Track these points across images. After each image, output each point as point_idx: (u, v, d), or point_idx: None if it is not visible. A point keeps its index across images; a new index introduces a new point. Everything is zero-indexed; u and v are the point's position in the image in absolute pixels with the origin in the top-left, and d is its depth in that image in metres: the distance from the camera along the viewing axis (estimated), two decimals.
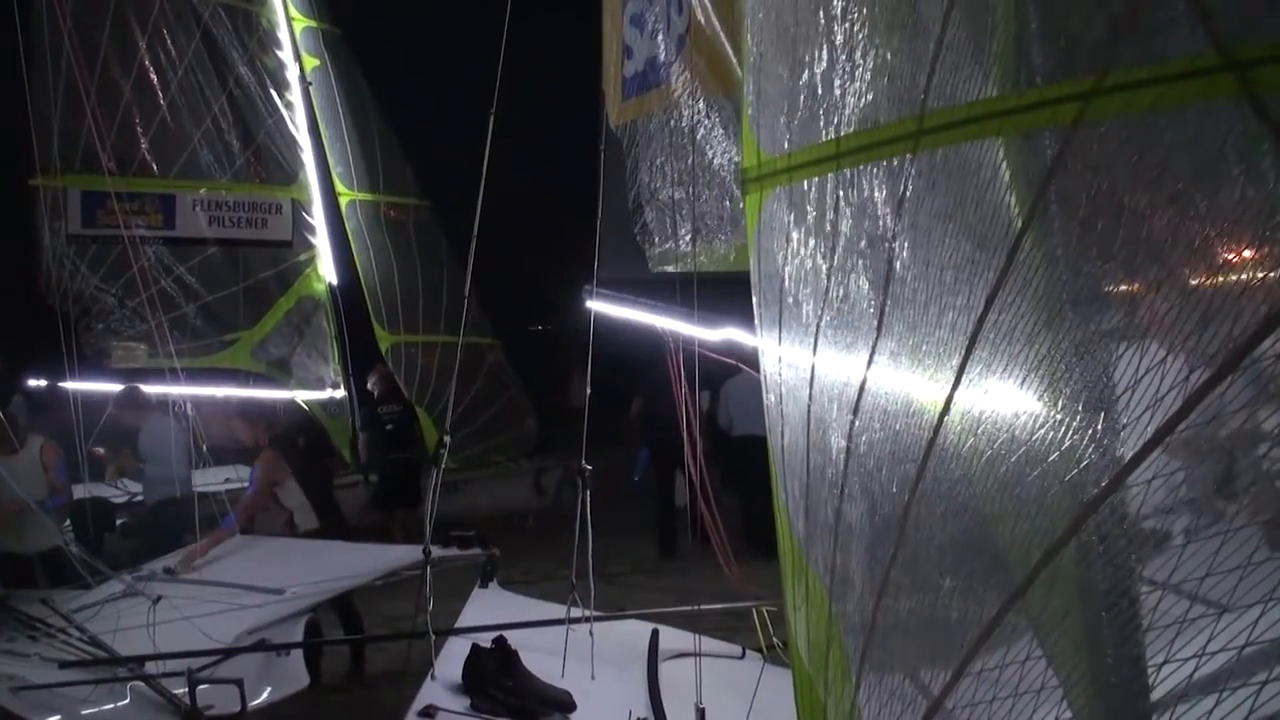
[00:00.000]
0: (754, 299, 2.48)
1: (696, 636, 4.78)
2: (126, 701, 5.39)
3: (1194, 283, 1.29)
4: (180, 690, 5.13)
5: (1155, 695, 1.37)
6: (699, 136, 4.94)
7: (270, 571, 7.39)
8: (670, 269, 5.46)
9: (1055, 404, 1.47)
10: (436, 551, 6.21)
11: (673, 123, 5.32)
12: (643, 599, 8.72)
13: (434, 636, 4.66)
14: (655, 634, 5.32)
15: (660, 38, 5.45)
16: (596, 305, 5.48)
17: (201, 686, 5.07)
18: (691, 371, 4.97)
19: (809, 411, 2.16)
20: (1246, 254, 1.23)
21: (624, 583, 10.55)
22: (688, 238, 4.88)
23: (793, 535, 2.29)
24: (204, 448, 9.77)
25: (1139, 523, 1.38)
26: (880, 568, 1.86)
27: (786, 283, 2.27)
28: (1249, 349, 1.21)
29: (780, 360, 2.35)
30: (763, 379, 2.45)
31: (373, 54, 15.61)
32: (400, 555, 7.65)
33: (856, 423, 1.96)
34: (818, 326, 2.11)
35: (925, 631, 1.82)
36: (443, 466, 4.99)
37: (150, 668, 5.58)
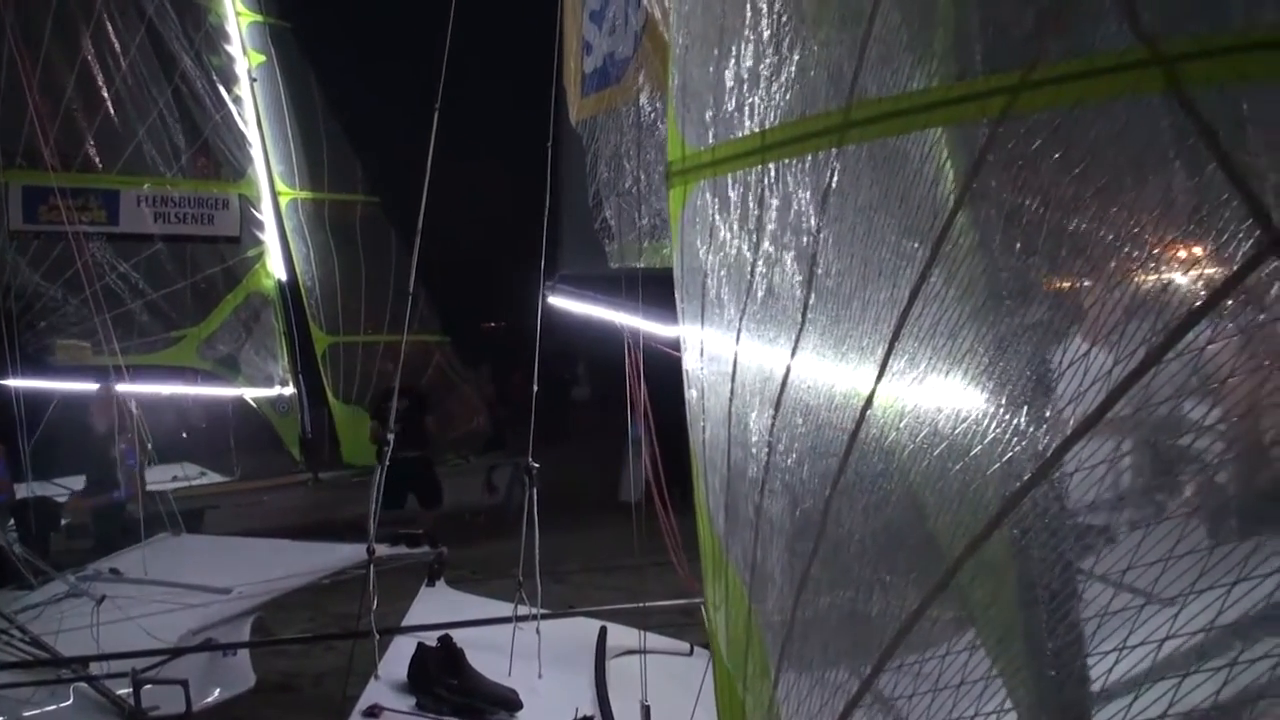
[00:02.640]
0: (676, 293, 2.42)
1: (641, 633, 4.69)
2: (69, 703, 5.21)
3: (1118, 276, 1.25)
4: (124, 691, 4.96)
5: (1084, 687, 1.34)
6: (657, 134, 4.86)
7: (216, 570, 7.20)
8: (619, 264, 5.37)
9: (979, 397, 1.41)
10: (384, 550, 6.06)
11: (631, 119, 5.24)
12: (593, 597, 8.61)
13: (377, 636, 4.52)
14: (603, 631, 5.22)
15: (619, 34, 5.36)
16: (557, 301, 5.37)
17: (146, 687, 4.90)
18: (646, 367, 4.87)
19: (730, 406, 2.09)
20: (1171, 248, 1.20)
21: (575, 581, 10.39)
22: (646, 233, 4.80)
23: (713, 532, 2.22)
24: (149, 445, 9.51)
25: (1063, 516, 1.34)
26: (800, 563, 1.80)
27: (709, 277, 2.21)
28: (1172, 343, 1.17)
29: (702, 355, 2.29)
30: (684, 374, 2.38)
31: (322, 49, 15.16)
32: (347, 554, 7.48)
33: (778, 418, 1.89)
34: (740, 321, 2.04)
35: (846, 627, 1.76)
36: (385, 467, 4.83)
37: (94, 669, 5.37)
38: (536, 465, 5.18)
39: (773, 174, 1.89)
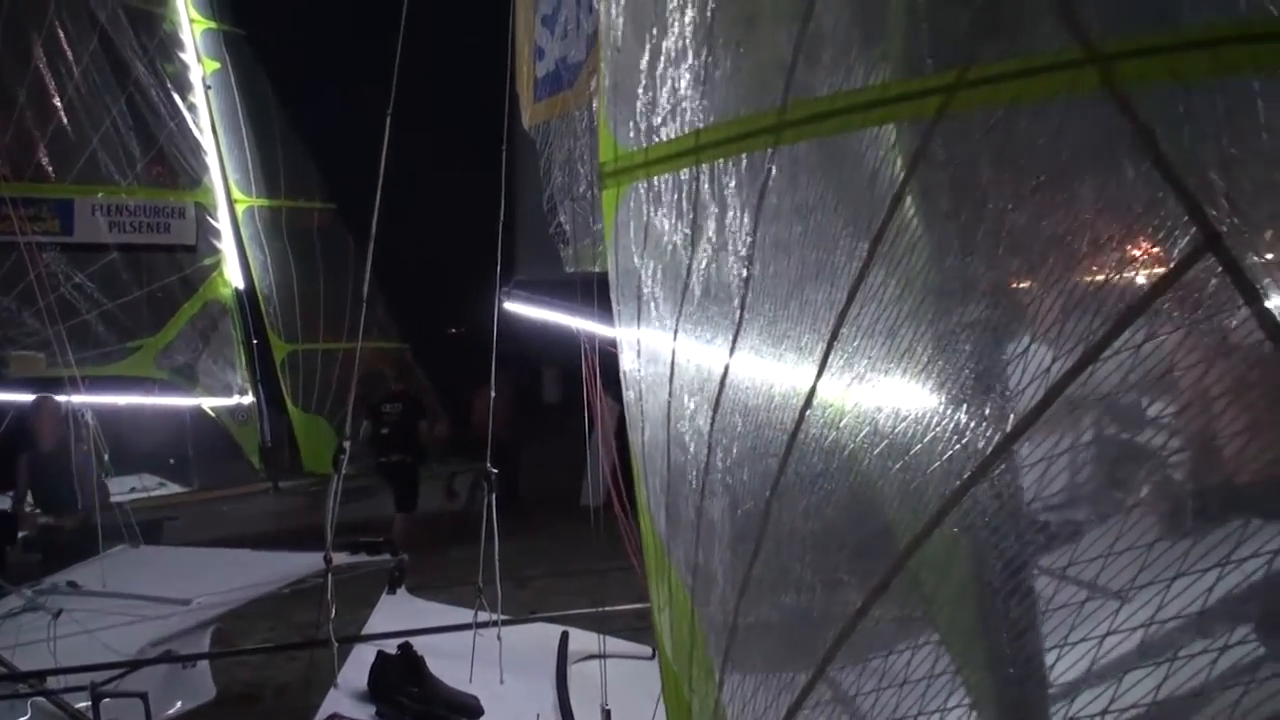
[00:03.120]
0: (612, 295, 2.34)
1: (601, 638, 4.59)
2: (27, 718, 5.01)
3: (1056, 274, 1.21)
4: (83, 705, 4.78)
5: (1029, 684, 1.31)
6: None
7: (175, 582, 6.92)
8: (574, 268, 5.27)
9: (918, 396, 1.36)
10: (344, 559, 5.89)
11: (585, 123, 5.13)
12: (556, 602, 8.41)
13: (336, 644, 4.38)
14: (564, 636, 5.09)
15: (571, 38, 5.26)
16: (512, 307, 5.25)
17: (105, 701, 4.71)
18: (603, 370, 4.77)
19: (669, 408, 2.02)
20: (1109, 246, 1.16)
21: (537, 586, 10.13)
22: (599, 238, 4.72)
23: (655, 534, 2.14)
24: (105, 457, 9.20)
25: (1004, 513, 1.28)
26: (742, 564, 1.73)
27: (645, 278, 2.13)
28: (1110, 340, 1.13)
29: (639, 356, 2.21)
30: (621, 376, 2.31)
31: (277, 55, 14.78)
32: (307, 563, 7.27)
33: (717, 418, 1.83)
34: (677, 322, 1.97)
35: (789, 628, 1.70)
36: (342, 473, 4.67)
37: (52, 683, 5.16)
38: (495, 471, 5.05)
39: (708, 175, 1.82)
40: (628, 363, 2.28)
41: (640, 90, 2.09)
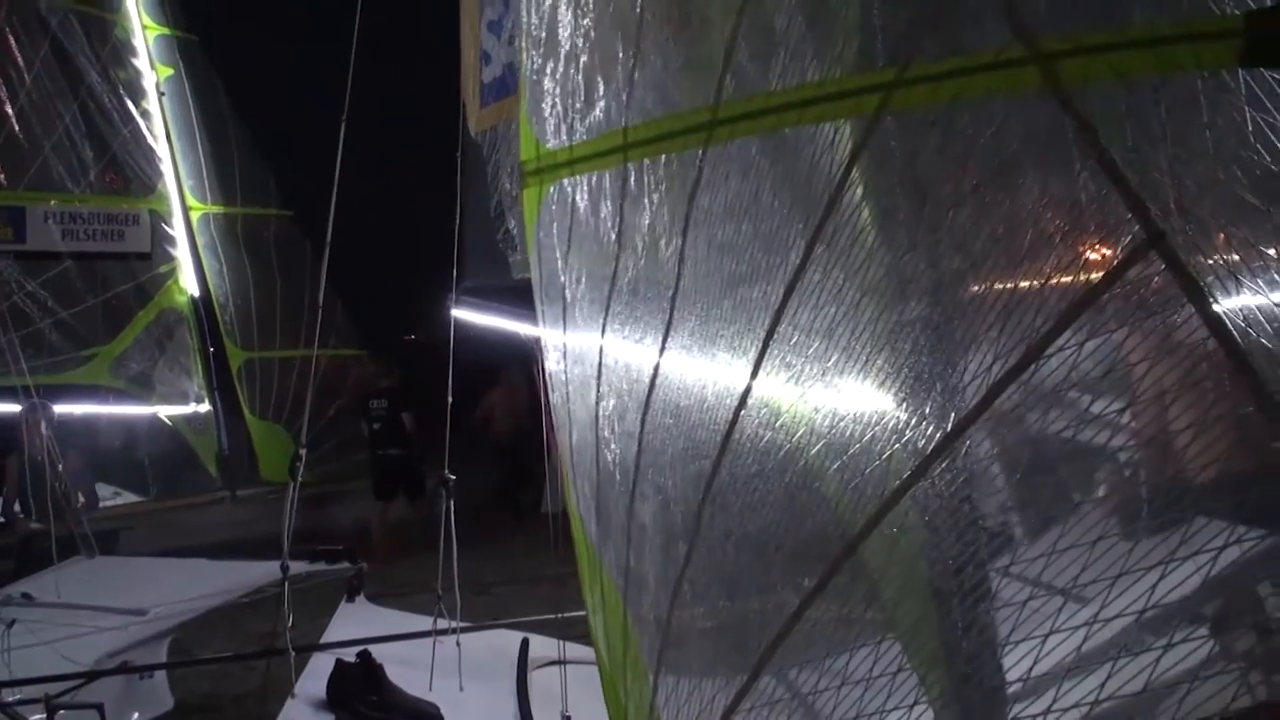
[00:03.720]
0: (535, 296, 2.21)
1: (561, 643, 4.41)
2: None
3: (998, 272, 1.16)
4: (38, 717, 4.50)
5: (972, 684, 1.26)
6: None
7: (132, 592, 6.61)
8: (523, 274, 5.11)
9: (857, 396, 1.28)
10: (302, 567, 5.65)
11: None
12: (518, 609, 8.21)
13: (294, 653, 4.16)
14: (525, 643, 4.91)
15: (517, 43, 5.10)
16: (460, 314, 5.05)
17: (61, 712, 4.44)
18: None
19: (597, 409, 1.91)
20: (1051, 244, 1.10)
21: (499, 593, 9.82)
22: None
23: (586, 537, 2.02)
24: (60, 467, 8.80)
25: (944, 513, 1.22)
26: (674, 567, 1.62)
27: (570, 279, 2.02)
28: (1053, 338, 1.06)
29: (565, 357, 2.10)
30: (546, 378, 2.18)
31: (230, 61, 14.18)
32: (264, 572, 7.00)
33: (647, 419, 1.72)
34: (605, 322, 1.86)
35: (723, 631, 1.61)
36: (299, 482, 4.45)
37: (5, 695, 4.86)
38: (453, 477, 4.86)
39: (636, 173, 1.71)
40: (553, 364, 2.16)
41: (564, 85, 1.97)
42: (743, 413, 1.45)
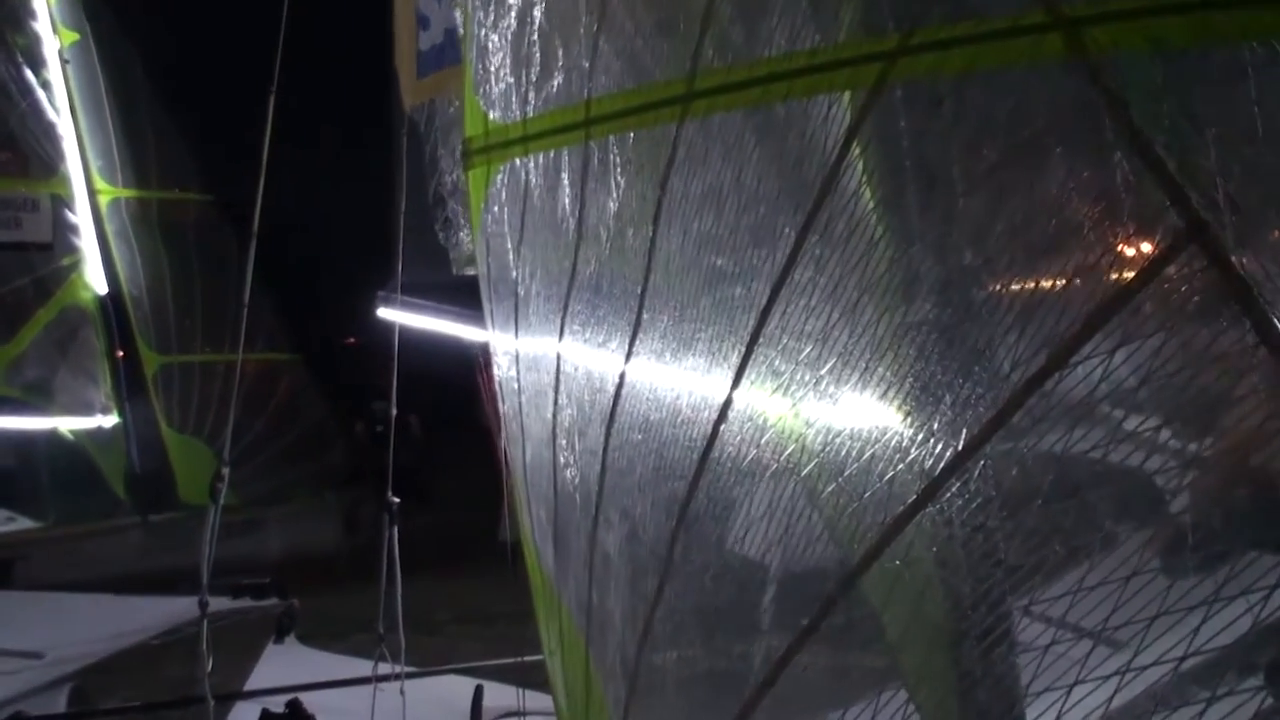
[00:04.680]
0: (483, 292, 2.19)
1: (520, 692, 4.34)
2: None
3: (1016, 268, 1.16)
4: None
5: None
6: None
7: (27, 632, 6.51)
8: (466, 270, 5.06)
9: (855, 409, 1.26)
10: (224, 603, 5.55)
11: None
12: (469, 651, 8.14)
13: (213, 702, 4.07)
14: (479, 691, 4.84)
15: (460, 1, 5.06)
16: (388, 315, 4.96)
17: None
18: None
19: (554, 422, 1.89)
20: (1077, 236, 1.09)
21: (449, 633, 9.77)
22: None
23: (542, 569, 2.00)
24: None
25: (954, 545, 1.20)
26: (644, 604, 1.61)
27: (522, 273, 2.01)
28: (1079, 343, 1.05)
29: (517, 364, 2.08)
30: (496, 387, 2.15)
31: (146, 26, 13.95)
32: (181, 608, 6.90)
33: (612, 434, 1.70)
34: (563, 322, 1.84)
35: (700, 679, 1.60)
36: (220, 505, 4.37)
37: None
38: (398, 500, 4.78)
39: (599, 152, 1.70)
40: (503, 371, 2.13)
41: (517, 50, 1.95)
42: (723, 427, 1.43)
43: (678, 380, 1.55)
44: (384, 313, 5.05)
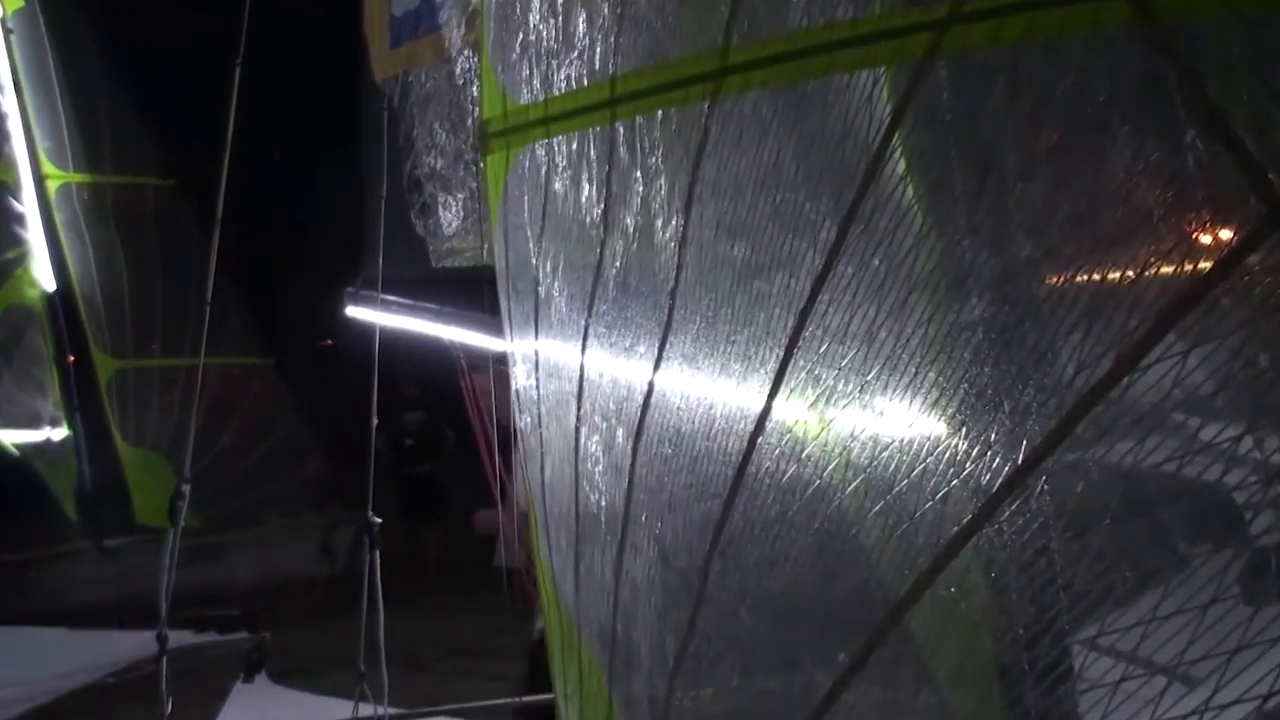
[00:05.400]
0: (500, 291, 2.26)
1: None
2: None
3: (1078, 263, 1.18)
4: None
5: None
6: None
7: None
8: (459, 262, 5.12)
9: (904, 418, 1.31)
10: (187, 638, 5.66)
11: (458, 75, 4.98)
12: (461, 690, 8.22)
13: None
14: None
15: None
16: (362, 314, 5.05)
17: None
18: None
19: (577, 435, 1.95)
20: (1146, 226, 1.12)
21: (439, 670, 9.88)
22: (464, 220, 4.57)
23: (560, 601, 2.05)
24: None
25: (1012, 569, 1.25)
26: (675, 639, 1.66)
27: (544, 268, 2.07)
28: (1150, 343, 1.08)
29: (537, 370, 2.14)
30: (514, 397, 2.22)
31: None
32: (139, 644, 7.03)
33: (641, 448, 1.76)
34: (587, 324, 1.90)
35: None
36: (181, 527, 4.46)
37: None
38: (379, 521, 4.86)
39: (626, 134, 1.75)
40: (522, 379, 2.20)
41: (537, 24, 2.01)
42: (760, 440, 1.48)
43: (711, 388, 1.60)
44: (354, 311, 5.12)
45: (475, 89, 4.86)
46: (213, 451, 11.60)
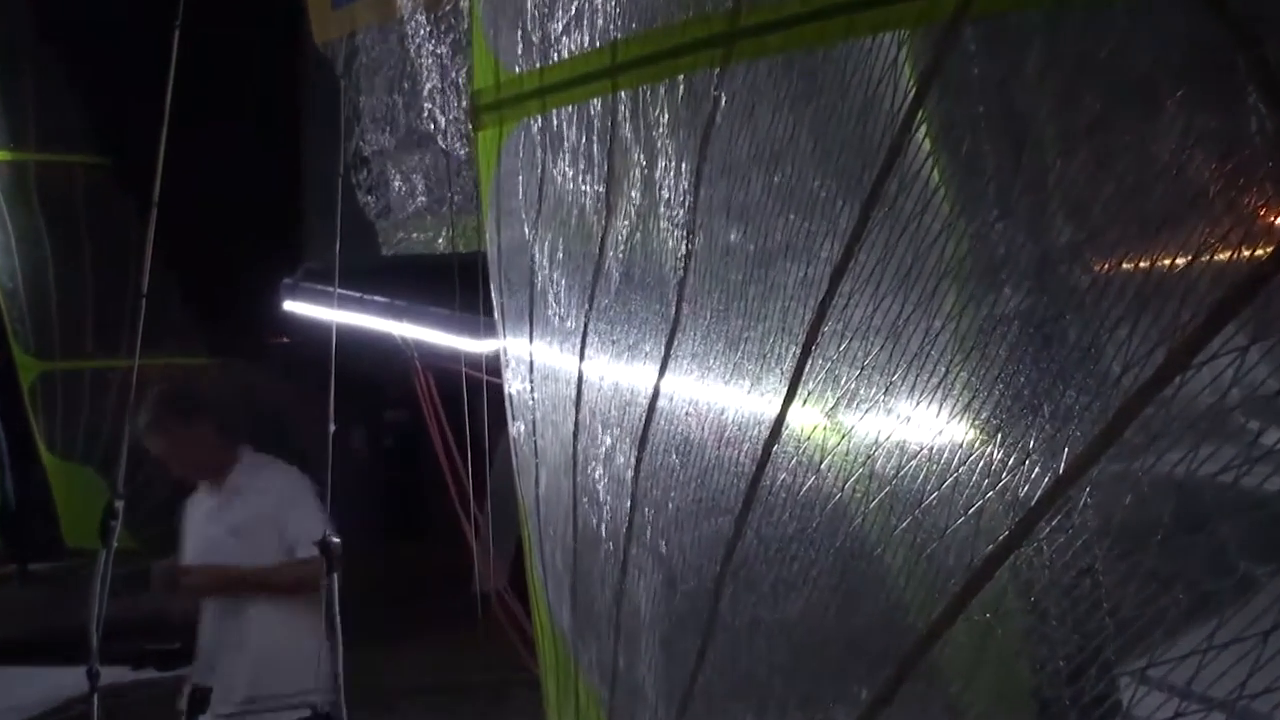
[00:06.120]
0: (492, 281, 2.29)
1: None
2: None
3: (1125, 245, 1.19)
4: None
5: None
6: (446, 54, 4.68)
7: None
8: (413, 249, 5.15)
9: (934, 423, 1.34)
10: (123, 675, 5.72)
11: (422, 31, 4.99)
12: None
13: None
14: None
15: None
16: (301, 308, 5.09)
17: None
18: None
19: (575, 444, 1.99)
20: (1200, 206, 1.13)
21: (406, 710, 9.93)
22: (426, 200, 4.59)
23: (555, 628, 2.09)
24: None
25: (1054, 592, 1.27)
26: (683, 670, 1.68)
27: (540, 257, 2.10)
28: (1205, 337, 1.10)
29: (531, 372, 2.18)
30: (506, 400, 2.26)
31: None
32: (68, 681, 7.08)
33: (645, 459, 1.80)
34: (587, 320, 1.94)
35: None
36: (114, 549, 4.50)
37: None
38: (337, 540, 4.90)
39: (628, 105, 1.79)
40: (516, 382, 2.23)
41: None
42: (776, 449, 1.51)
43: (722, 391, 1.63)
44: (293, 306, 5.15)
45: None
46: (151, 464, 11.62)
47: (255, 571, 5.09)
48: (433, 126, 4.98)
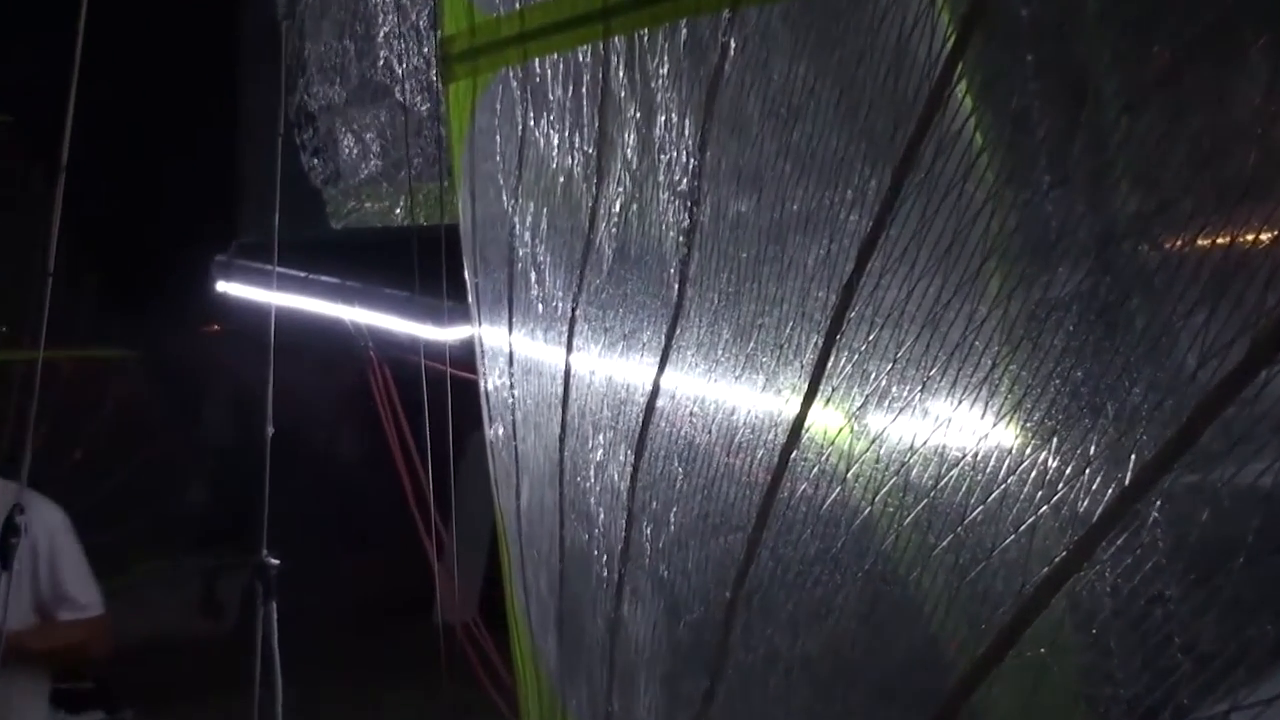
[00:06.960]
0: (465, 259, 2.30)
1: None
2: None
3: (1200, 221, 1.19)
4: None
5: None
6: None
7: None
8: (368, 221, 5.17)
9: (976, 426, 1.35)
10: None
11: None
12: None
13: None
14: None
15: None
16: (235, 289, 5.09)
17: None
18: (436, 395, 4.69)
19: (562, 449, 2.00)
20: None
21: None
22: (381, 165, 4.60)
23: (539, 664, 2.10)
24: None
25: (1118, 623, 1.28)
26: (688, 714, 1.70)
27: (522, 230, 2.11)
28: None
29: (511, 363, 2.19)
30: (482, 398, 2.27)
31: None
32: None
33: (643, 467, 1.81)
34: (576, 304, 1.95)
35: None
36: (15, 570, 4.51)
37: None
38: (276, 563, 4.91)
39: (623, 54, 1.80)
40: (493, 377, 2.24)
41: None
42: (794, 455, 1.52)
43: (732, 388, 1.64)
44: (226, 287, 5.16)
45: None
46: (61, 471, 11.64)
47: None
48: (389, 77, 4.98)
